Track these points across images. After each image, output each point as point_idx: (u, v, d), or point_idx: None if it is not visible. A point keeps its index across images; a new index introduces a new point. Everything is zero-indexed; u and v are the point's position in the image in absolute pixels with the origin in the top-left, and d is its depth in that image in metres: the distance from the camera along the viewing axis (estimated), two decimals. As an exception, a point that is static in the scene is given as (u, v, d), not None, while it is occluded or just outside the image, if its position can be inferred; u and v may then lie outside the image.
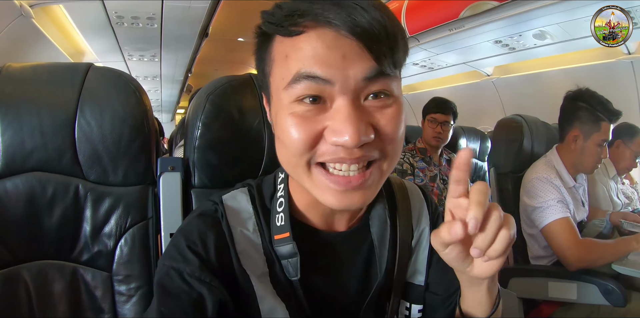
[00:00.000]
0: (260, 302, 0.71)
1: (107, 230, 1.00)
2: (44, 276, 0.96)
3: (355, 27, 0.56)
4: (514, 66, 4.53)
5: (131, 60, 5.94)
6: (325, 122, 0.61)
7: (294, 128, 0.61)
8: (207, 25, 4.38)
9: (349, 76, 0.58)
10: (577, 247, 1.75)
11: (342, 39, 0.57)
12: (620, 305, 1.65)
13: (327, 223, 0.79)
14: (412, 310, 0.87)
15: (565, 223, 1.80)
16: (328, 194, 0.64)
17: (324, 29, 0.58)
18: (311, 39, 0.58)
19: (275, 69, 0.64)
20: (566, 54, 3.81)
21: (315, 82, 0.59)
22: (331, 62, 0.58)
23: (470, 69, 4.88)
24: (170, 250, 0.71)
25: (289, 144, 0.63)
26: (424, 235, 0.89)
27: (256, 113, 1.04)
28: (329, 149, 0.61)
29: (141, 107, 1.02)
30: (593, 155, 1.93)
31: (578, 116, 1.94)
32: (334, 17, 0.56)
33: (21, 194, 0.95)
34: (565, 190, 1.90)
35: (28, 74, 1.00)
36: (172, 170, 1.05)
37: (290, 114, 0.61)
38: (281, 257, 0.74)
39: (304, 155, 0.62)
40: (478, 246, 0.58)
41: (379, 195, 0.81)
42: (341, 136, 0.58)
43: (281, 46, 0.62)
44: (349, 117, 0.58)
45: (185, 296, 0.65)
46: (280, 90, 0.62)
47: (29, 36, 3.35)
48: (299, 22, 0.58)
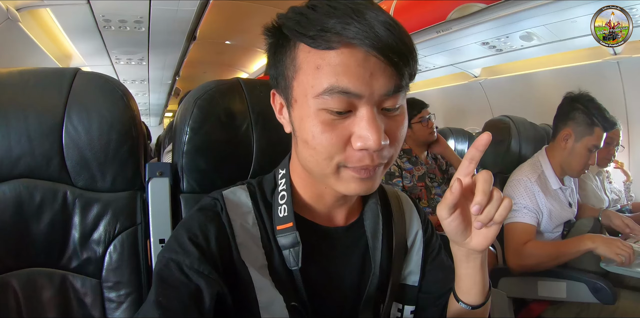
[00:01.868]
0: (258, 293, 0.73)
1: (96, 236, 0.99)
2: (33, 283, 0.95)
3: (381, 46, 0.62)
4: (501, 67, 4.57)
5: (119, 63, 5.91)
6: (351, 129, 0.67)
7: (326, 134, 0.66)
8: (195, 28, 4.36)
9: (374, 90, 0.65)
10: (517, 254, 1.81)
11: (370, 57, 0.63)
12: (610, 303, 1.66)
13: (327, 217, 0.84)
14: (404, 311, 0.90)
15: (519, 229, 1.86)
16: (352, 183, 0.71)
17: (357, 48, 0.63)
18: (344, 56, 0.63)
19: (303, 76, 0.67)
20: (553, 55, 3.85)
21: (347, 96, 0.64)
22: (361, 79, 0.64)
23: (458, 71, 4.91)
24: (171, 243, 0.73)
25: (320, 149, 0.68)
26: (417, 237, 0.93)
27: (244, 117, 1.04)
28: (356, 155, 0.67)
29: (129, 112, 1.02)
30: (581, 158, 1.94)
31: (573, 116, 1.96)
32: (362, 37, 0.61)
33: (8, 201, 0.94)
34: (543, 195, 1.91)
35: (15, 79, 0.99)
36: (161, 175, 1.05)
37: (321, 122, 0.67)
38: (283, 247, 0.76)
39: (334, 158, 0.68)
40: (481, 220, 0.69)
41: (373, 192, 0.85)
42: (367, 141, 0.65)
43: (309, 55, 0.66)
44: (373, 125, 0.65)
45: (183, 288, 0.66)
46: (310, 97, 0.67)
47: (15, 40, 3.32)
48: (332, 39, 0.63)
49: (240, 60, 7.32)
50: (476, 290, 0.80)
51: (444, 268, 0.93)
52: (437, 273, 0.93)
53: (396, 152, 0.73)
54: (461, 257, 0.79)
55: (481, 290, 0.80)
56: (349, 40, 0.62)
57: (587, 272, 1.75)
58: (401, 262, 0.90)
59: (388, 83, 0.65)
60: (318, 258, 0.80)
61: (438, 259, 0.95)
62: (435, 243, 0.96)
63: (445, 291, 0.89)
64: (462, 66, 4.70)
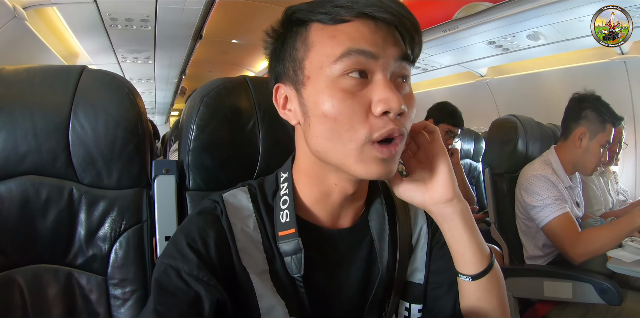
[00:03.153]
0: (260, 300, 0.72)
1: (102, 233, 0.99)
2: (39, 280, 0.95)
3: (391, 14, 0.67)
4: (507, 67, 4.55)
5: (125, 62, 5.93)
6: (370, 96, 0.67)
7: (348, 102, 0.67)
8: (201, 27, 4.37)
9: (388, 54, 0.68)
10: (576, 243, 1.78)
11: (381, 26, 0.67)
12: (616, 304, 1.65)
13: (332, 219, 0.81)
14: (411, 310, 0.88)
15: (564, 220, 1.83)
16: (373, 164, 0.69)
17: (366, 19, 0.67)
18: (357, 25, 0.67)
19: (316, 50, 0.69)
20: (560, 55, 3.83)
21: (365, 56, 0.66)
22: (376, 42, 0.67)
23: (464, 70, 4.89)
24: (169, 248, 0.72)
25: (342, 119, 0.67)
26: (422, 232, 0.91)
27: (251, 115, 1.04)
28: (378, 123, 0.67)
29: (135, 109, 1.02)
30: (595, 155, 1.95)
31: (585, 115, 1.97)
32: (372, 8, 0.66)
33: (15, 198, 0.94)
34: (563, 187, 1.91)
35: (21, 76, 0.99)
36: (167, 173, 1.05)
37: (340, 90, 0.67)
38: (284, 254, 0.75)
39: (359, 130, 0.67)
40: None
41: (377, 192, 0.86)
42: (388, 102, 0.65)
43: (323, 30, 0.69)
44: (391, 88, 0.67)
45: (182, 295, 0.66)
46: (325, 67, 0.68)
47: (22, 39, 3.34)
48: (345, 14, 0.67)
49: (247, 59, 7.32)
50: (469, 255, 0.78)
51: (450, 257, 0.90)
52: (444, 262, 0.88)
53: (408, 128, 0.72)
54: (438, 220, 0.80)
55: (476, 254, 0.78)
56: (361, 10, 0.66)
57: (593, 273, 1.75)
58: (406, 260, 0.88)
59: (399, 48, 0.68)
60: (321, 263, 0.78)
61: (444, 249, 0.90)
62: (440, 235, 0.93)
63: (454, 279, 0.86)
64: (468, 66, 4.68)
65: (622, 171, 3.36)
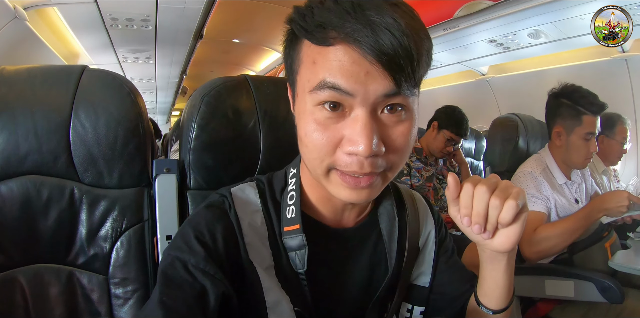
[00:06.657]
0: (266, 294, 0.72)
1: (103, 232, 0.99)
2: (40, 280, 0.95)
3: (379, 52, 0.58)
4: (508, 65, 4.54)
5: (126, 62, 5.94)
6: (343, 131, 0.63)
7: (317, 133, 0.64)
8: (202, 26, 4.38)
9: (369, 90, 0.61)
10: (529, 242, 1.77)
11: (366, 56, 0.59)
12: (618, 302, 1.65)
13: (336, 218, 0.81)
14: (413, 312, 0.89)
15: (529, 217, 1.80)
16: (342, 189, 0.67)
17: (352, 46, 0.60)
18: (339, 52, 0.61)
19: (303, 70, 0.67)
20: (561, 53, 3.82)
21: (339, 93, 0.61)
22: (355, 77, 0.60)
23: (465, 69, 4.89)
24: (176, 240, 0.72)
25: (311, 148, 0.66)
26: (430, 237, 0.92)
27: (251, 114, 1.04)
28: (344, 160, 0.64)
29: (136, 109, 1.02)
30: (579, 149, 1.92)
31: (560, 113, 1.95)
32: (362, 40, 0.58)
33: (16, 198, 0.94)
34: (549, 186, 1.89)
35: (22, 76, 0.99)
36: (168, 172, 1.05)
37: (313, 120, 0.64)
38: (289, 249, 0.75)
39: (325, 160, 0.65)
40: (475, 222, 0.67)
41: (387, 193, 0.85)
42: (356, 145, 0.61)
43: (310, 50, 0.65)
44: (365, 129, 0.61)
45: (188, 287, 0.66)
46: (306, 92, 0.65)
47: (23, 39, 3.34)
48: (329, 36, 0.60)
49: (247, 58, 7.33)
50: (498, 294, 0.78)
51: (458, 268, 0.92)
52: (452, 274, 0.90)
53: (401, 160, 0.68)
54: (485, 258, 0.77)
55: (504, 294, 0.78)
56: (345, 37, 0.59)
57: (595, 271, 1.74)
58: (412, 262, 0.88)
59: (387, 85, 0.61)
60: (326, 260, 0.78)
61: (452, 259, 0.93)
62: (448, 244, 0.94)
63: (461, 292, 0.88)
64: (469, 64, 4.68)
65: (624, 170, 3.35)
